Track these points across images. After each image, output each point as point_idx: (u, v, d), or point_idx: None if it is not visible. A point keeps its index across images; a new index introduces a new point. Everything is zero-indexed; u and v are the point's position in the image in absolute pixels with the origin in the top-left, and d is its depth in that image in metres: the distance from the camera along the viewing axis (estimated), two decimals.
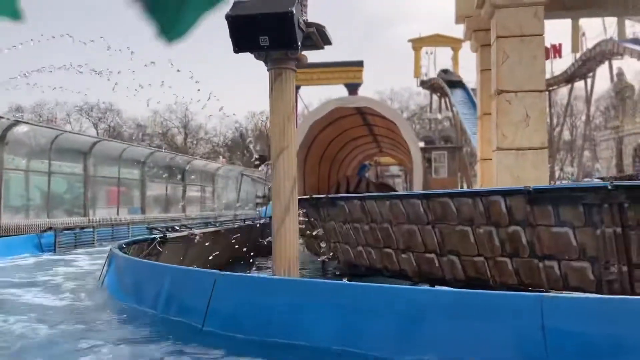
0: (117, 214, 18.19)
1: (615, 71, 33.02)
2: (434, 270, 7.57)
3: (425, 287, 7.43)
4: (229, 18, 6.09)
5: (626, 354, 3.44)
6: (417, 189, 14.32)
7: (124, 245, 8.60)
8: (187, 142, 59.63)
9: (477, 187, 21.11)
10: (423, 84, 43.51)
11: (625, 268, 5.36)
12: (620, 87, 32.03)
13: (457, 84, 33.44)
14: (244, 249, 11.07)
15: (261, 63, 6.80)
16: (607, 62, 33.47)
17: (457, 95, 32.84)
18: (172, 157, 22.68)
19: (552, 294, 5.14)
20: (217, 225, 13.59)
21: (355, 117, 16.75)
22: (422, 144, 23.42)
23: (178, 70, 7.05)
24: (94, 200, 16.87)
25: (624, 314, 3.57)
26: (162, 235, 9.90)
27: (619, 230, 5.30)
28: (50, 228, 13.25)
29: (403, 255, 8.01)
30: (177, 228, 11.50)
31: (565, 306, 3.78)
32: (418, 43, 43.43)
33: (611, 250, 5.39)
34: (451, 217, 6.91)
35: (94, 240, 14.27)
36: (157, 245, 9.58)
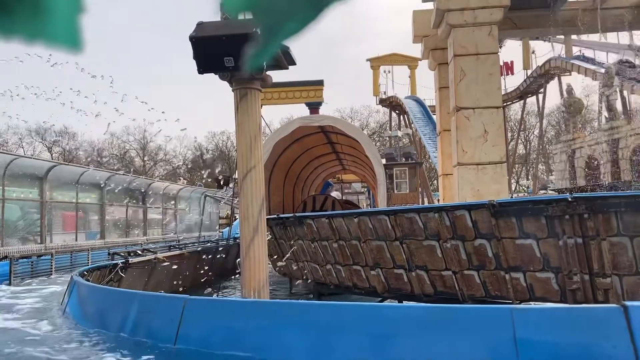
0: (76, 239, 17.58)
1: (564, 87, 34.45)
2: (403, 286, 7.61)
3: (396, 303, 7.49)
4: (193, 39, 6.06)
5: None
6: (382, 205, 14.46)
7: (85, 272, 8.34)
8: (146, 164, 58.48)
9: (438, 202, 21.49)
10: (382, 101, 44.27)
11: (587, 277, 5.54)
12: (570, 102, 33.40)
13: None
14: (210, 271, 10.87)
15: (223, 83, 6.78)
16: (556, 79, 34.97)
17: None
18: (131, 179, 22.20)
19: (522, 305, 5.27)
20: (181, 248, 13.33)
21: (318, 136, 16.86)
22: (383, 161, 23.73)
23: (136, 98, 6.96)
24: (50, 226, 16.26)
25: (591, 322, 3.68)
26: (124, 260, 9.64)
27: (580, 240, 5.48)
28: (6, 257, 12.68)
29: (372, 272, 8.03)
30: (140, 252, 11.23)
31: (536, 317, 3.87)
32: (376, 62, 44.26)
33: (573, 260, 5.56)
34: (419, 232, 6.99)
35: (52, 268, 13.73)
36: (119, 270, 9.32)
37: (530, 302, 6.00)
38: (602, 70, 27.08)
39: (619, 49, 26.63)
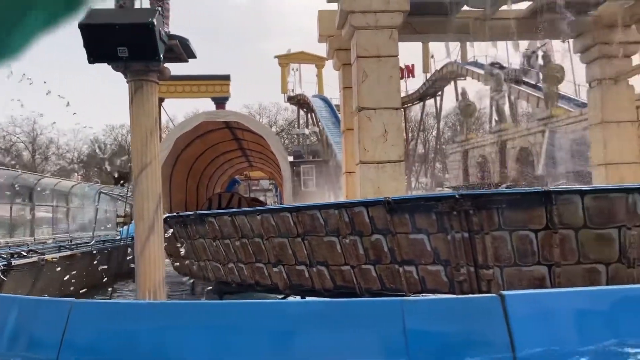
0: None
1: (459, 90, 36.67)
2: (304, 282, 7.70)
3: (296, 299, 7.55)
4: (83, 27, 5.69)
5: (476, 347, 3.80)
6: (288, 202, 14.54)
7: None
8: (36, 159, 54.22)
9: (342, 198, 21.98)
10: (290, 99, 44.46)
11: (472, 269, 5.93)
12: (464, 105, 35.63)
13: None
14: (105, 273, 10.32)
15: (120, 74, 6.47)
16: (452, 82, 37.11)
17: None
18: (17, 175, 20.45)
19: (411, 297, 5.52)
20: (72, 248, 12.52)
21: (223, 132, 16.59)
22: (291, 158, 23.90)
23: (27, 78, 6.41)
24: None
25: (473, 311, 3.93)
26: (5, 262, 8.88)
27: (466, 235, 5.86)
28: None
29: (274, 269, 8.05)
30: (24, 254, 10.42)
31: (424, 308, 4.06)
32: (284, 59, 44.31)
33: (460, 253, 5.93)
34: (320, 228, 7.10)
35: None
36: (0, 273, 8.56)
37: (423, 294, 6.31)
38: (491, 76, 29.16)
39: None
